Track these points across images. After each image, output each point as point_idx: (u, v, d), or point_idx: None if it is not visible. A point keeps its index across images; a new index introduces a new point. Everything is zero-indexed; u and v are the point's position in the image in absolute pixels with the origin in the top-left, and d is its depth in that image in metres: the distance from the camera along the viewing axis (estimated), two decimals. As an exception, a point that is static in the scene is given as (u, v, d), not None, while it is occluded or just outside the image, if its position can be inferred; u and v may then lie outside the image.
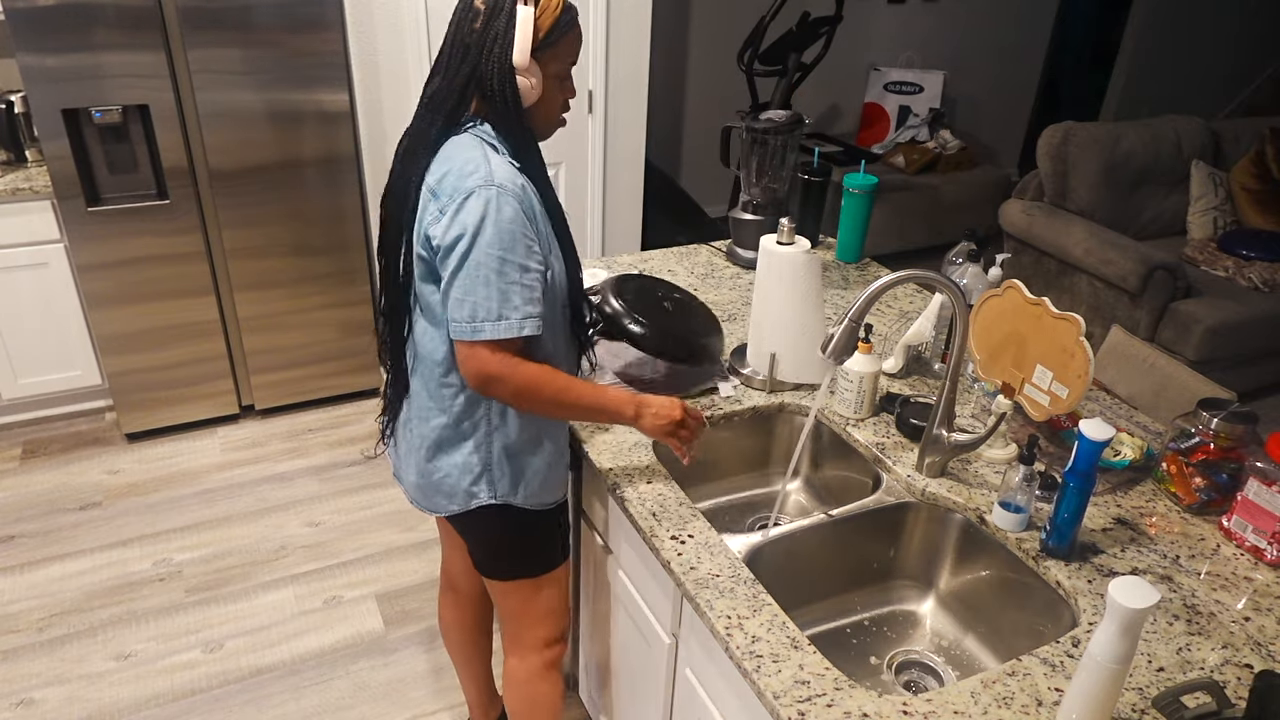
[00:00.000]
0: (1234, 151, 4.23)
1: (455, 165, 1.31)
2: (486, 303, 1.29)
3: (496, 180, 1.29)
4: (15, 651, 2.36)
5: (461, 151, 1.32)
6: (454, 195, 1.29)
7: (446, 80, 1.34)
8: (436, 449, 1.47)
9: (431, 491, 1.51)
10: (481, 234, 1.27)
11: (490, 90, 1.32)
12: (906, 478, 1.60)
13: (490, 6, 1.31)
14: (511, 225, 1.29)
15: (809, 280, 1.75)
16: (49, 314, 3.02)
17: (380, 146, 3.19)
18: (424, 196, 1.35)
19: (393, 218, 1.42)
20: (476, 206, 1.27)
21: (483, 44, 1.31)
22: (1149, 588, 1.02)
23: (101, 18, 2.58)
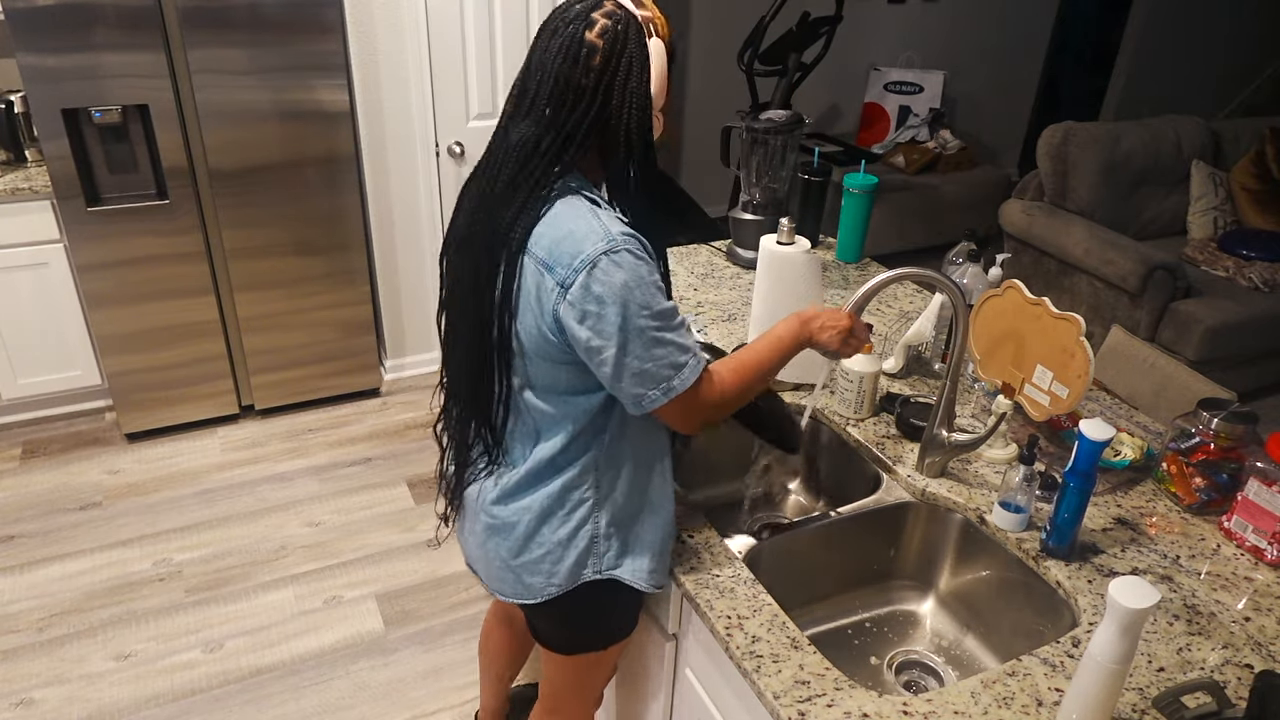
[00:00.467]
0: (1234, 151, 4.23)
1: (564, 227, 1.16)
2: (670, 358, 1.19)
3: (616, 238, 1.15)
4: (15, 651, 2.36)
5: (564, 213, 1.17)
6: (573, 266, 1.14)
7: (557, 127, 1.16)
8: (539, 524, 1.33)
9: (527, 574, 1.35)
10: (629, 302, 1.14)
11: (628, 135, 1.18)
12: (906, 478, 1.60)
13: (611, 40, 1.15)
14: (649, 281, 1.17)
15: (809, 280, 1.75)
16: (49, 314, 3.02)
17: (380, 146, 3.19)
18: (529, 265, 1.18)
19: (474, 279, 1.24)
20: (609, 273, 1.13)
21: (611, 83, 1.15)
22: (1149, 588, 1.02)
23: (101, 18, 2.58)
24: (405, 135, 3.21)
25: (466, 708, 2.24)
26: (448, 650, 2.40)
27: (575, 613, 1.40)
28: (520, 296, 1.20)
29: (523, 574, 1.36)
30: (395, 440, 3.24)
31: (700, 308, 2.15)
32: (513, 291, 1.20)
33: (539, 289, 1.17)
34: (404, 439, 3.24)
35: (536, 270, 1.17)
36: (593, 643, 1.48)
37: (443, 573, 2.66)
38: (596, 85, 1.15)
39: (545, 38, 1.17)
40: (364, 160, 3.18)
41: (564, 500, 1.31)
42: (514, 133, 1.19)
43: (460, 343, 1.32)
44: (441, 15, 3.08)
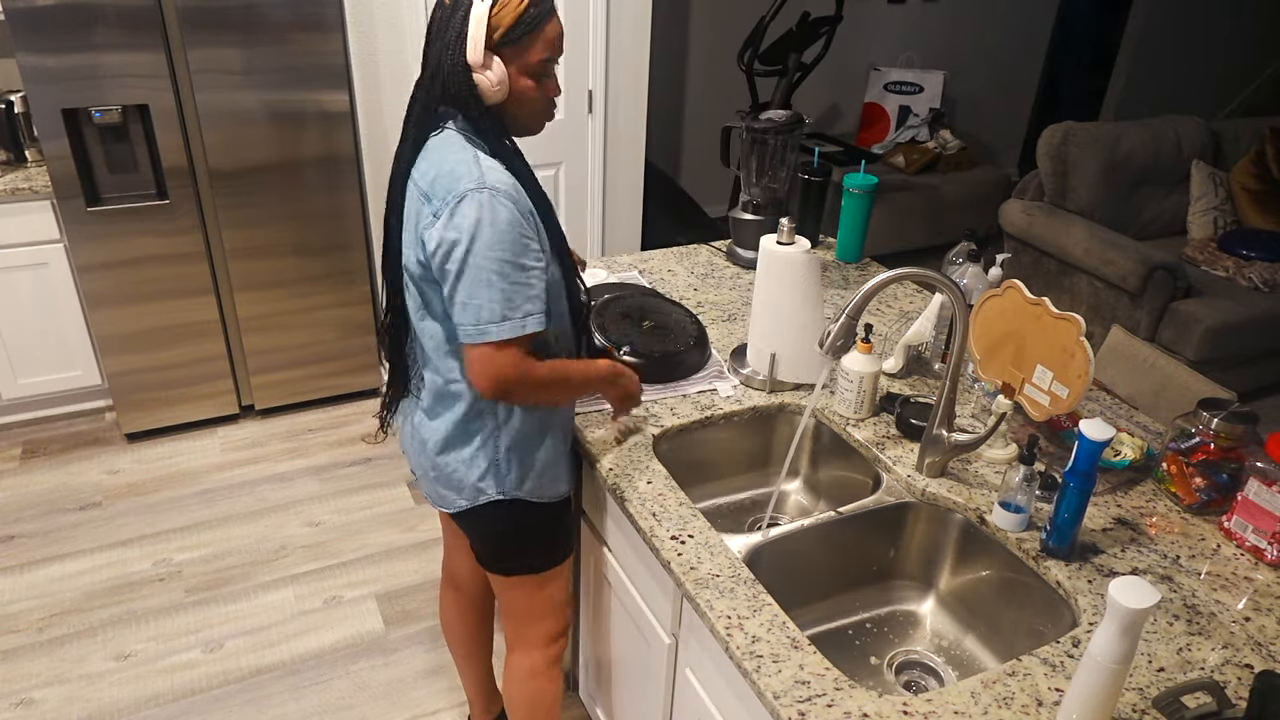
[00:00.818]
0: (1234, 151, 4.23)
1: (446, 167, 1.30)
2: (490, 305, 1.28)
3: (489, 182, 1.28)
4: (15, 651, 2.36)
5: (451, 152, 1.31)
6: (446, 199, 1.28)
7: (424, 73, 1.34)
8: (444, 446, 1.48)
9: (440, 486, 1.52)
10: (478, 238, 1.26)
11: (449, 87, 1.31)
12: (906, 478, 1.60)
13: (452, 3, 1.30)
14: (508, 227, 1.28)
15: (809, 280, 1.75)
16: (49, 314, 3.02)
17: (380, 146, 3.19)
18: (414, 197, 1.34)
19: (389, 217, 1.41)
20: (470, 210, 1.26)
21: (442, 47, 1.30)
22: (1149, 588, 1.02)
23: (101, 18, 2.58)
24: (405, 135, 3.21)
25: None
26: (448, 650, 2.40)
27: (495, 529, 1.55)
28: (409, 225, 1.35)
29: (437, 485, 1.52)
30: (395, 440, 3.24)
31: (700, 308, 2.15)
32: (400, 219, 1.37)
33: (418, 215, 1.32)
34: (404, 439, 3.24)
35: (418, 198, 1.32)
36: (526, 562, 1.60)
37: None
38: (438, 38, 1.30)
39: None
40: (364, 160, 3.18)
41: (466, 424, 1.45)
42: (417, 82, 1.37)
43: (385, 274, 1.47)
44: (441, 15, 3.07)
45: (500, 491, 1.49)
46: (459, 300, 1.29)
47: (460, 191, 1.27)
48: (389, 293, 1.46)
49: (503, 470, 1.48)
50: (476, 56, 1.28)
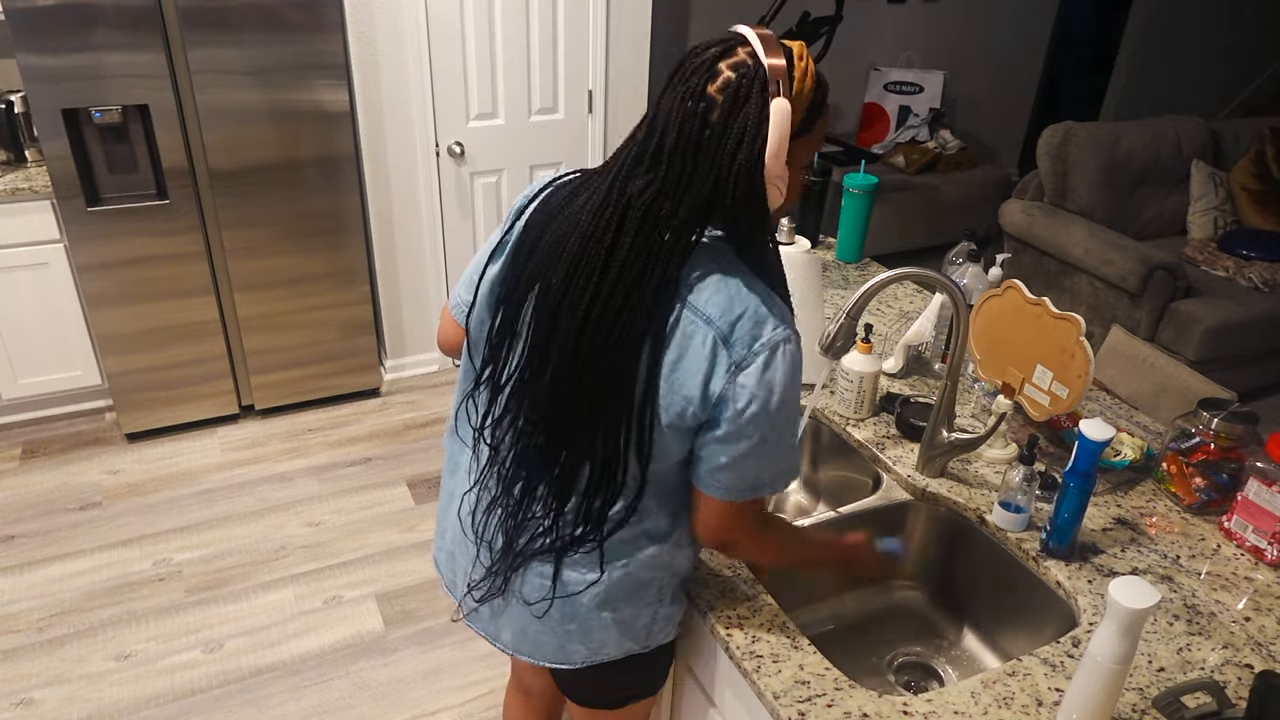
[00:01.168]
0: (1234, 151, 4.23)
1: (746, 304, 1.06)
2: (774, 468, 1.12)
3: (793, 330, 1.08)
4: (15, 651, 2.36)
5: (744, 288, 1.08)
6: (754, 349, 1.05)
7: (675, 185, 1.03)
8: (608, 598, 1.20)
9: (573, 641, 1.24)
10: (785, 397, 1.08)
11: (735, 208, 1.04)
12: (906, 478, 1.60)
13: (732, 95, 1.01)
14: (800, 375, 1.10)
15: (809, 280, 1.75)
16: (49, 314, 3.02)
17: (380, 146, 3.19)
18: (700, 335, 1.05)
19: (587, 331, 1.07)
20: (784, 365, 1.07)
21: (722, 149, 1.02)
22: (1149, 588, 1.02)
23: (101, 18, 2.58)
24: (405, 135, 3.21)
25: (467, 708, 2.25)
26: (448, 650, 2.40)
27: (617, 675, 1.31)
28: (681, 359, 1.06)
29: (567, 641, 1.23)
30: (395, 440, 3.24)
31: (700, 308, 2.15)
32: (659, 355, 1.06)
33: (712, 363, 1.05)
34: (404, 439, 3.24)
35: (713, 340, 1.05)
36: (631, 697, 1.39)
37: (443, 573, 2.66)
38: (713, 146, 1.02)
39: (676, 84, 1.03)
40: (364, 160, 3.18)
41: (642, 579, 1.21)
42: (632, 185, 1.05)
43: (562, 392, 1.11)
44: (441, 15, 3.08)
45: (646, 645, 1.28)
46: (747, 462, 1.09)
47: (770, 341, 1.06)
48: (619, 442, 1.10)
49: (658, 624, 1.27)
50: (779, 166, 1.03)
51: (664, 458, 1.12)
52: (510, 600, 1.25)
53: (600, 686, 1.35)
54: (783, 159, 1.03)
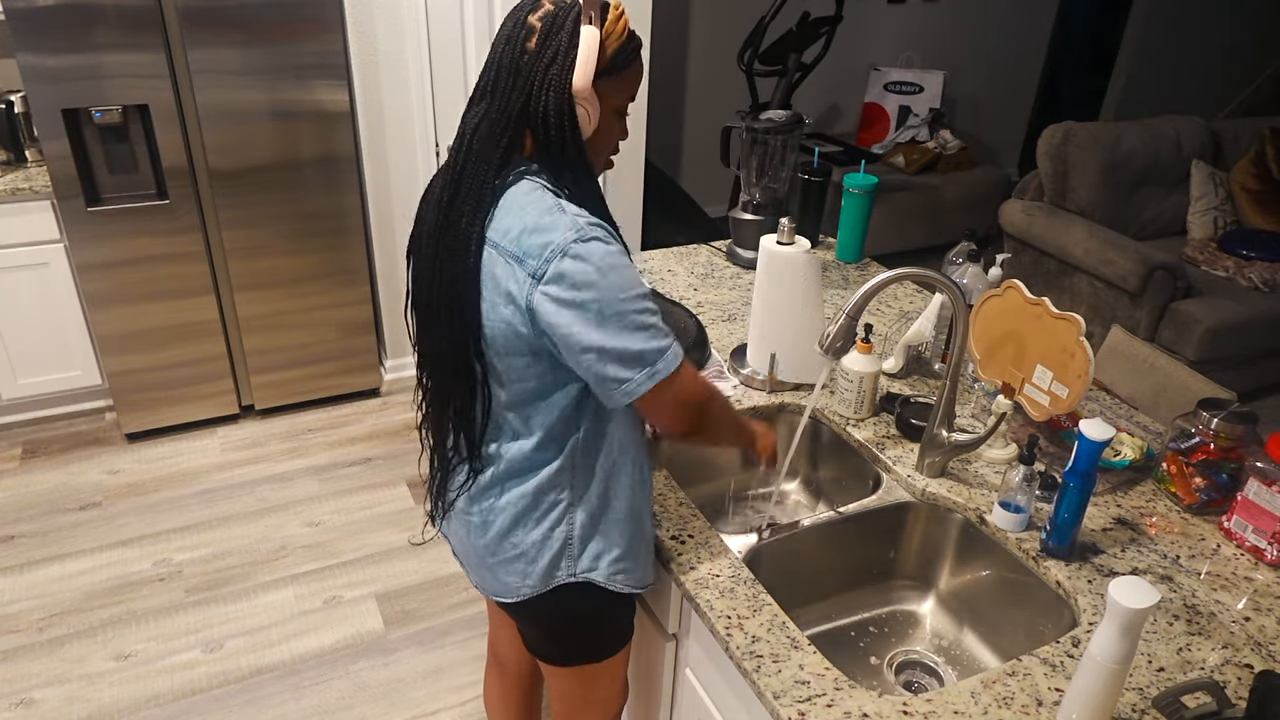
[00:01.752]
0: (1234, 151, 4.23)
1: (530, 220, 1.13)
2: (646, 344, 1.15)
3: (585, 229, 1.13)
4: (15, 651, 2.36)
5: (532, 203, 1.15)
6: (545, 256, 1.11)
7: (497, 109, 1.15)
8: (514, 523, 1.31)
9: (502, 572, 1.34)
10: (605, 287, 1.12)
11: (545, 120, 1.14)
12: (906, 478, 1.60)
13: (548, 23, 1.13)
14: (620, 261, 1.14)
15: (809, 280, 1.75)
16: (49, 314, 3.02)
17: (380, 146, 3.19)
18: (496, 260, 1.15)
19: (438, 277, 1.21)
20: (583, 262, 1.11)
21: (537, 65, 1.13)
22: (1149, 588, 1.02)
23: (101, 18, 2.58)
24: (405, 135, 3.21)
25: (467, 708, 2.25)
26: (448, 650, 2.40)
27: (558, 617, 1.38)
28: (488, 291, 1.17)
29: (499, 572, 1.34)
30: (395, 440, 3.24)
31: (700, 307, 2.15)
32: (478, 286, 1.17)
33: (509, 281, 1.14)
34: (404, 439, 3.24)
35: (505, 263, 1.14)
36: (585, 651, 1.44)
37: (443, 573, 2.66)
38: (530, 66, 1.13)
39: (506, 21, 1.18)
40: (364, 160, 3.18)
41: (538, 501, 1.29)
42: (466, 120, 1.19)
43: (432, 343, 1.28)
44: (441, 15, 3.08)
45: (571, 574, 1.33)
46: (614, 354, 1.14)
47: (559, 245, 1.11)
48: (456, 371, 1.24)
49: (576, 548, 1.32)
50: (584, 85, 1.13)
51: (516, 383, 1.23)
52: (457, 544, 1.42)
53: (544, 630, 1.42)
54: (589, 80, 1.13)
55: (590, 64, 1.13)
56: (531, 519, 1.30)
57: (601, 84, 1.17)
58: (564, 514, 1.30)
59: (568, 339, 1.13)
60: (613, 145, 1.25)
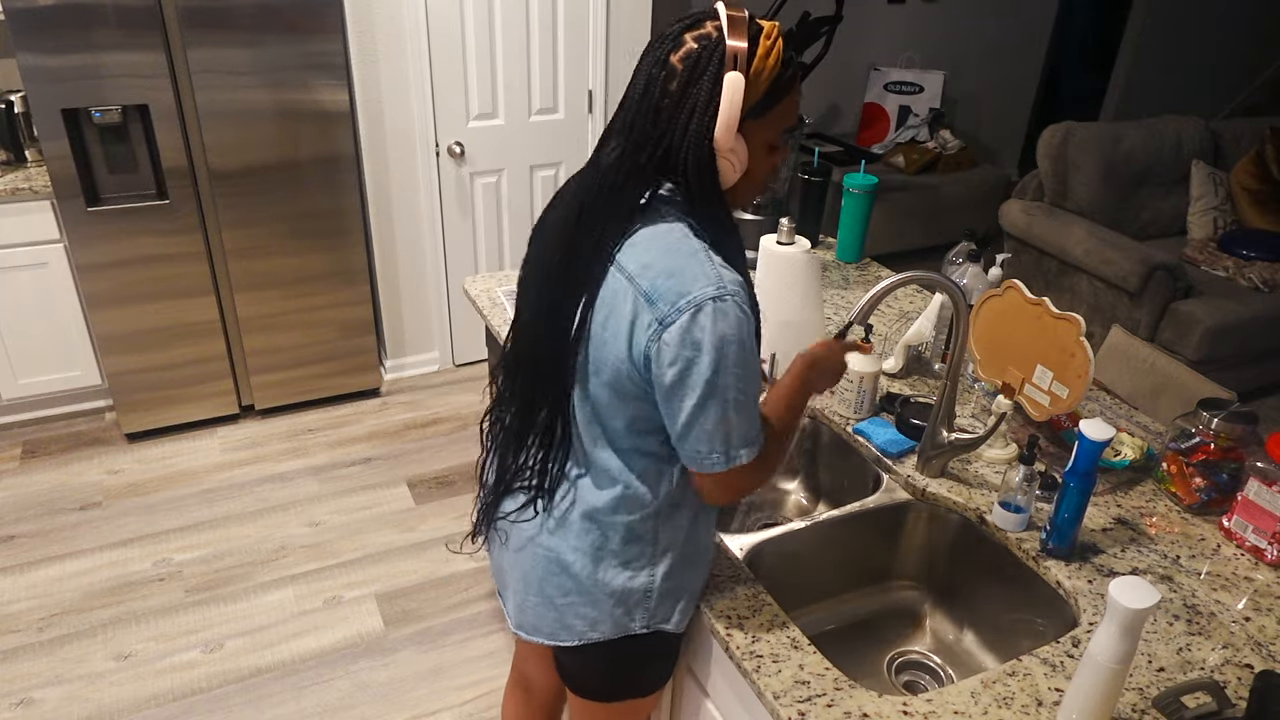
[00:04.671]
0: (1234, 151, 4.23)
1: (674, 263, 1.08)
2: (740, 429, 1.12)
3: (729, 288, 1.07)
4: (15, 651, 2.36)
5: (675, 244, 1.09)
6: (678, 306, 1.06)
7: (634, 150, 1.09)
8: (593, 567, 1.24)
9: (570, 614, 1.27)
10: (725, 357, 1.07)
11: (685, 173, 1.08)
12: (906, 478, 1.60)
13: (689, 66, 1.05)
14: (750, 339, 1.10)
15: (809, 280, 1.75)
16: (49, 314, 3.02)
17: (380, 146, 3.19)
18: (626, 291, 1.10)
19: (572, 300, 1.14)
20: (711, 323, 1.06)
21: (677, 116, 1.06)
22: (1149, 588, 1.02)
23: (101, 18, 2.58)
24: (405, 135, 3.21)
25: (467, 708, 2.25)
26: (448, 650, 2.40)
27: (616, 659, 1.33)
28: (609, 319, 1.11)
29: (566, 614, 1.27)
30: (395, 440, 3.24)
31: (700, 308, 2.15)
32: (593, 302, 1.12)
33: (634, 321, 1.09)
34: (404, 439, 3.24)
35: (636, 298, 1.08)
36: (633, 689, 1.39)
37: (443, 573, 2.66)
38: (666, 115, 1.07)
39: (647, 54, 1.09)
40: (364, 160, 3.18)
41: (626, 547, 1.23)
42: (603, 155, 1.13)
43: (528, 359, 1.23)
44: (441, 15, 3.08)
45: (645, 625, 1.28)
46: (704, 427, 1.11)
47: (696, 298, 1.05)
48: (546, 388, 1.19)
49: (655, 599, 1.27)
50: (726, 139, 1.06)
51: (612, 419, 1.17)
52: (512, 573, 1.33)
53: (598, 672, 1.36)
54: (732, 133, 1.06)
55: (734, 115, 1.05)
56: (616, 563, 1.24)
57: (749, 125, 1.09)
58: (649, 562, 1.25)
59: (669, 392, 1.10)
60: (765, 180, 1.17)
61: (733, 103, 1.04)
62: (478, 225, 3.48)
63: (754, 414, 1.14)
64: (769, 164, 1.15)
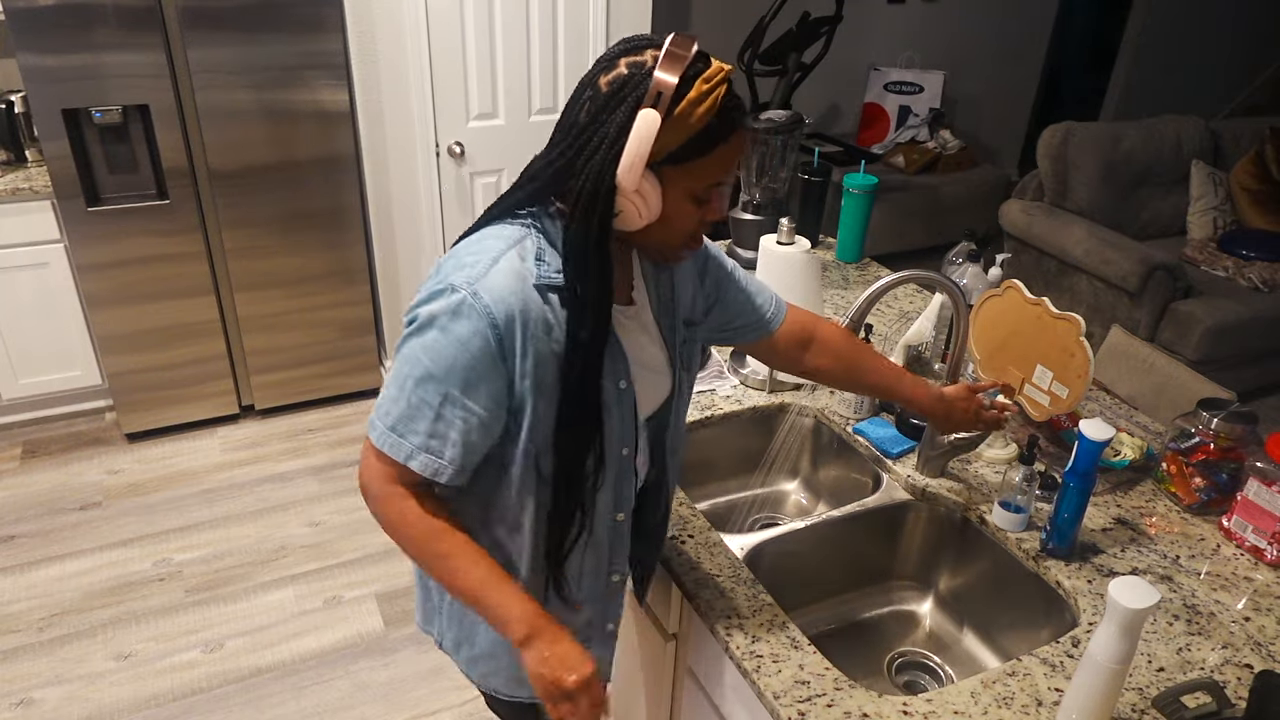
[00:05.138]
0: (1234, 151, 4.23)
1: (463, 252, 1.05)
2: (392, 405, 1.04)
3: (480, 288, 1.00)
4: (15, 651, 2.36)
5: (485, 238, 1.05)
6: (436, 281, 1.03)
7: (545, 163, 1.03)
8: None
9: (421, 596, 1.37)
10: (425, 332, 1.02)
11: (574, 201, 0.99)
12: (906, 478, 1.60)
13: (609, 95, 0.97)
14: (458, 349, 1.00)
15: (809, 280, 1.75)
16: (49, 314, 3.02)
17: (380, 146, 3.19)
18: None
19: None
20: (440, 304, 1.01)
21: (583, 142, 0.98)
22: (1149, 588, 1.02)
23: (101, 18, 2.58)
24: (405, 135, 3.21)
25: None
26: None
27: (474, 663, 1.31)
28: None
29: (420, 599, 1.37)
30: (395, 440, 3.23)
31: (700, 308, 2.15)
32: None
33: None
34: (404, 439, 3.24)
35: None
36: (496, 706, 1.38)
37: (443, 573, 2.65)
38: (576, 138, 0.99)
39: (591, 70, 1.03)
40: (364, 160, 3.18)
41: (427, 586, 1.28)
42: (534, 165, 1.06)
43: None
44: (441, 15, 3.07)
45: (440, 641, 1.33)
46: (382, 395, 1.07)
47: (448, 282, 1.01)
48: None
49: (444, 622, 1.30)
50: (632, 180, 0.96)
51: None
52: None
53: None
54: (637, 175, 0.96)
55: (640, 156, 0.95)
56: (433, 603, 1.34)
57: (669, 171, 0.99)
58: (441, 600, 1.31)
59: None
60: (687, 233, 1.06)
61: (641, 141, 0.94)
62: (478, 225, 3.47)
63: (414, 419, 1.03)
64: (692, 217, 1.04)
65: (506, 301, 1.00)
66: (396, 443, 1.04)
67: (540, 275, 1.03)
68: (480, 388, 1.02)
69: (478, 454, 1.07)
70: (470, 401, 1.02)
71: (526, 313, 1.02)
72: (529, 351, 1.03)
